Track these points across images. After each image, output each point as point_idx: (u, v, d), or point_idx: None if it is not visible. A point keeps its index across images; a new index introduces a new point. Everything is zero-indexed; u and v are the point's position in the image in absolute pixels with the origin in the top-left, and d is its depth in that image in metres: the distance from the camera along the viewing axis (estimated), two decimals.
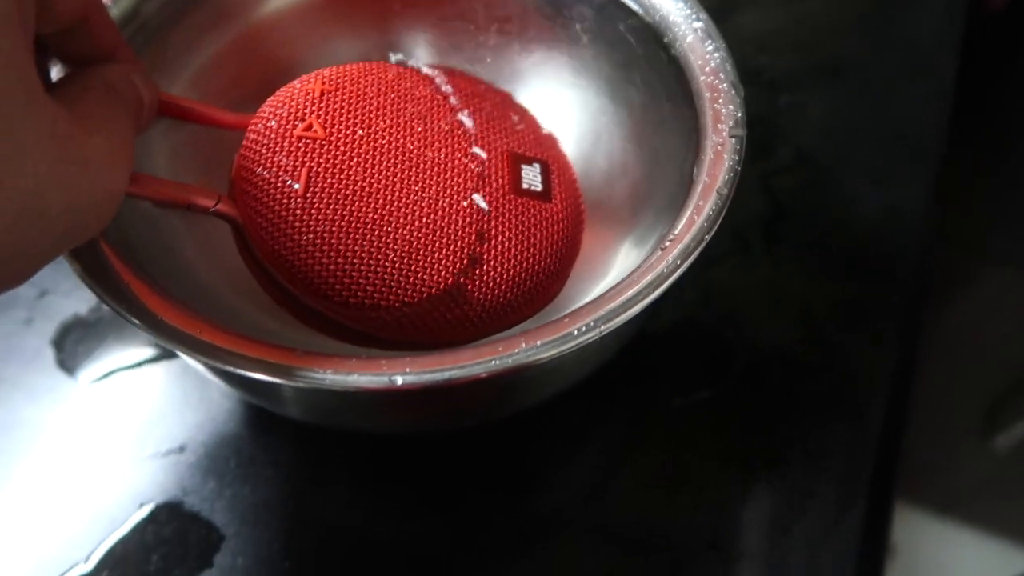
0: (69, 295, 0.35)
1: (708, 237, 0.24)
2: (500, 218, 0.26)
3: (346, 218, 0.24)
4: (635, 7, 0.31)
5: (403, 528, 0.31)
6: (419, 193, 0.25)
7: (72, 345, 0.34)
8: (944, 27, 0.45)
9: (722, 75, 0.28)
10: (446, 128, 0.27)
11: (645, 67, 0.31)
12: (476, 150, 0.27)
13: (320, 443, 0.31)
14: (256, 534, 0.29)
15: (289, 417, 0.28)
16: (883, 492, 0.32)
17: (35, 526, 0.30)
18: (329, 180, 0.24)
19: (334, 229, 0.24)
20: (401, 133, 0.26)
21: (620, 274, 0.26)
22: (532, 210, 0.27)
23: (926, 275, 0.37)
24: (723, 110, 0.27)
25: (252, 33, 0.34)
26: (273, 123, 0.25)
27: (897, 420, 0.33)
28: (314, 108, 0.25)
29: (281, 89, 0.26)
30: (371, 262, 0.24)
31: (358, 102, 0.26)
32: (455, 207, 0.26)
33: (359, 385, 0.21)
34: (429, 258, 0.25)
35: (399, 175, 0.25)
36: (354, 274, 0.24)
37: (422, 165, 0.26)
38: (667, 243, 0.24)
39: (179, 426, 0.32)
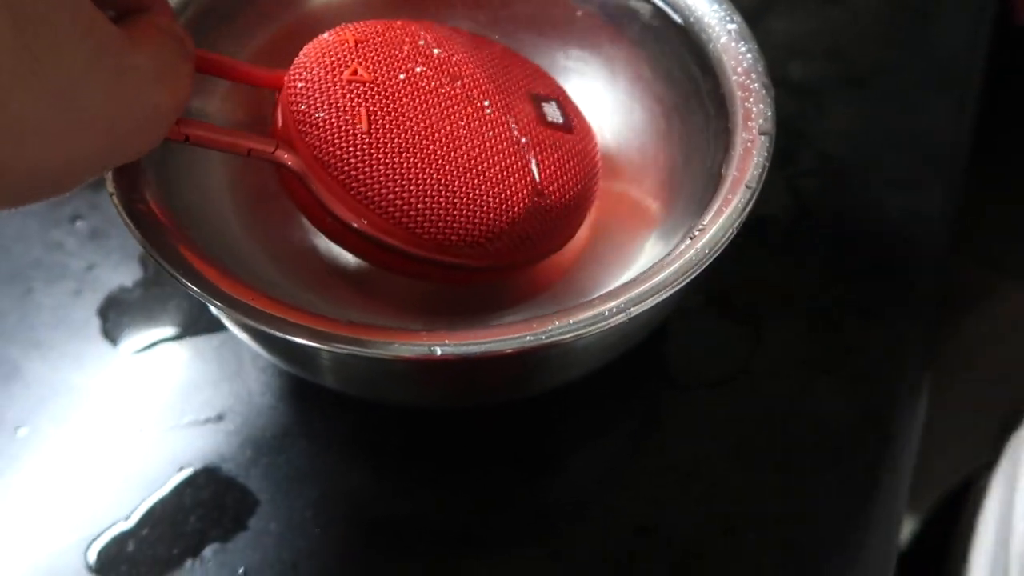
0: (116, 268, 0.37)
1: (736, 228, 0.25)
2: (539, 147, 0.28)
3: (414, 151, 0.26)
4: (671, 11, 0.32)
5: (426, 502, 0.32)
6: (469, 127, 0.27)
7: (117, 316, 0.35)
8: (971, 38, 0.46)
9: (754, 75, 0.29)
10: (470, 73, 0.29)
11: (680, 67, 0.32)
12: (510, 91, 0.29)
13: (352, 418, 0.33)
14: (289, 501, 0.31)
15: (324, 386, 0.29)
16: (894, 497, 0.33)
17: (79, 485, 0.31)
18: (388, 118, 0.26)
19: (405, 163, 0.25)
20: (435, 77, 0.28)
21: (647, 264, 0.27)
22: (560, 141, 0.29)
23: (945, 282, 0.38)
24: (754, 109, 0.28)
25: (295, 28, 0.35)
26: (319, 71, 0.26)
27: (910, 424, 0.34)
28: (354, 55, 0.27)
29: (312, 42, 0.27)
30: (445, 191, 0.26)
31: (391, 50, 0.28)
32: (504, 139, 0.27)
33: (399, 354, 0.22)
34: (500, 183, 0.27)
35: (447, 113, 0.27)
36: (432, 205, 0.26)
37: (463, 104, 0.27)
38: (696, 233, 0.25)
39: (218, 396, 0.33)
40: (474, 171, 0.26)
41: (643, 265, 0.30)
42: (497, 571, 0.30)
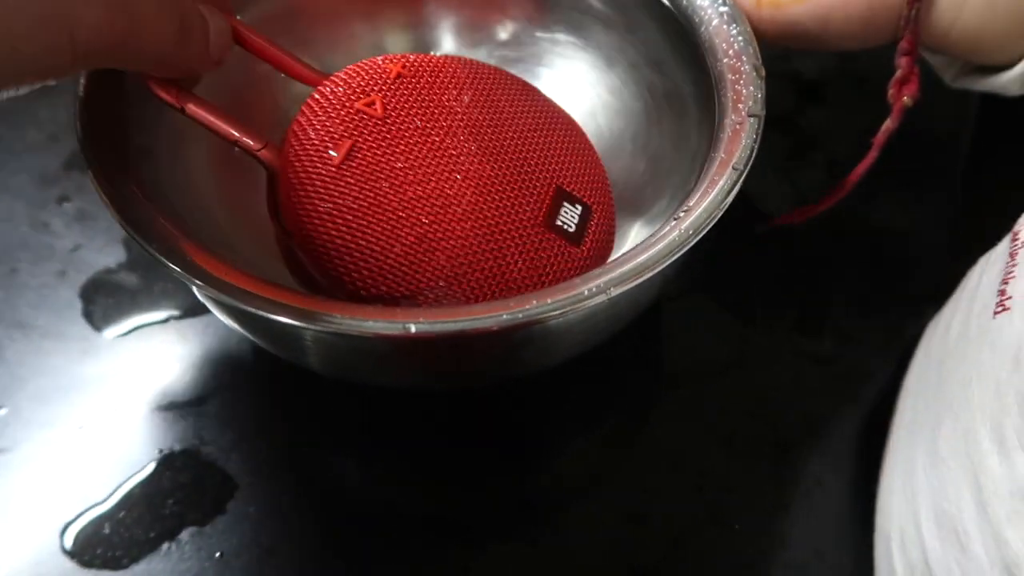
0: (101, 251, 0.36)
1: (722, 210, 0.25)
2: (519, 249, 0.26)
3: (367, 199, 0.24)
4: None
5: (410, 489, 0.31)
6: (451, 199, 0.25)
7: (101, 298, 0.35)
8: None
9: (744, 58, 0.28)
10: (505, 144, 0.27)
11: (671, 51, 0.32)
12: (524, 179, 0.27)
13: (334, 403, 0.32)
14: (269, 485, 0.30)
15: (308, 369, 0.29)
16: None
17: (57, 467, 0.31)
18: (368, 159, 0.25)
19: (353, 206, 0.24)
20: (459, 140, 0.26)
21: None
22: (555, 249, 0.26)
23: (945, 281, 0.38)
24: (744, 91, 0.28)
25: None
26: (340, 89, 0.26)
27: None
28: (383, 86, 0.26)
29: (363, 60, 0.27)
30: (379, 249, 0.24)
31: (429, 93, 0.26)
32: (481, 225, 0.25)
33: (374, 331, 0.22)
34: (434, 262, 0.24)
35: (437, 176, 0.25)
36: (362, 257, 0.24)
37: (465, 173, 0.26)
38: (680, 214, 0.25)
39: (199, 379, 0.33)
40: (430, 244, 0.24)
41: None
42: (482, 559, 0.29)
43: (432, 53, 0.33)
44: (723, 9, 0.30)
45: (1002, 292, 0.26)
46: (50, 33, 0.19)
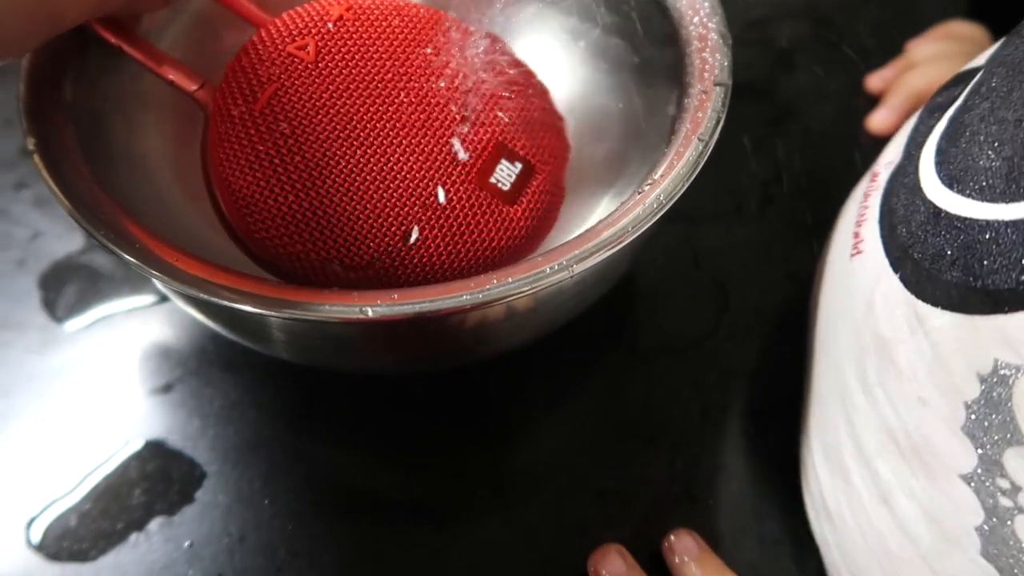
0: (61, 238, 0.35)
1: (688, 182, 0.24)
2: (452, 205, 0.25)
3: (286, 146, 0.23)
4: None
5: (380, 472, 0.31)
6: (374, 155, 0.24)
7: (62, 287, 0.34)
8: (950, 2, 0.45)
9: (711, 25, 0.28)
10: (444, 97, 0.26)
11: (637, 20, 0.31)
12: (460, 133, 0.25)
13: (302, 387, 0.32)
14: (237, 473, 0.30)
15: (272, 356, 0.28)
16: None
17: (20, 460, 0.30)
18: (291, 104, 0.24)
19: (272, 152, 0.23)
20: (394, 86, 0.25)
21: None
22: (486, 205, 0.25)
23: None
24: (710, 59, 0.27)
25: None
26: (275, 32, 0.25)
27: None
28: (320, 30, 0.25)
29: (311, 2, 0.26)
30: (297, 203, 0.23)
31: (370, 38, 0.25)
32: (407, 182, 0.24)
33: (331, 315, 0.21)
34: (364, 223, 0.24)
35: (364, 128, 0.24)
36: (275, 209, 0.23)
37: (395, 127, 0.24)
38: (645, 187, 0.24)
39: (164, 367, 0.32)
40: (346, 197, 0.23)
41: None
42: (452, 540, 0.29)
43: None
44: None
45: (856, 235, 0.26)
46: None
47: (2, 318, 0.33)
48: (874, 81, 0.42)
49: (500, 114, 0.26)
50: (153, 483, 0.30)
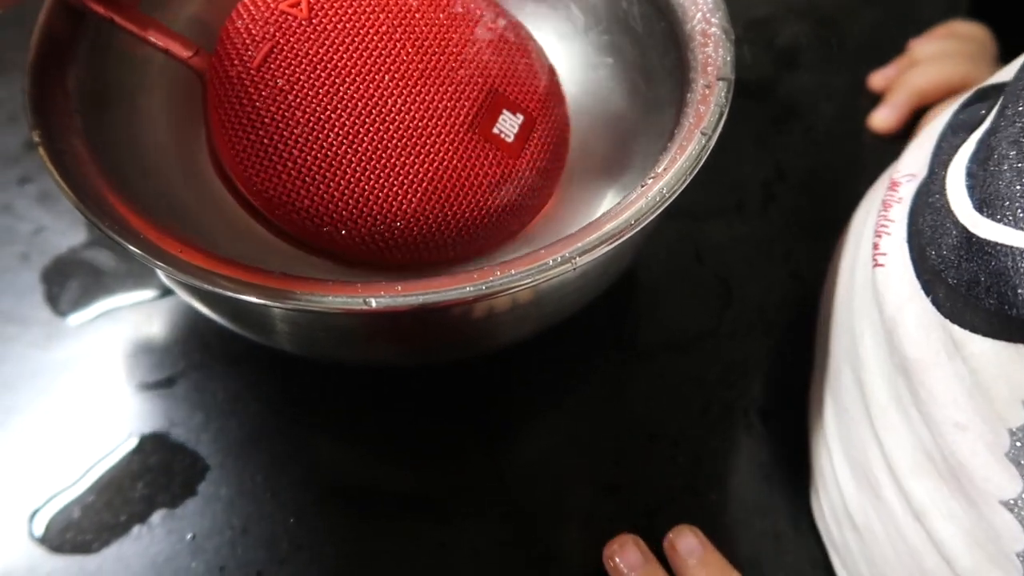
0: (64, 233, 0.35)
1: (690, 176, 0.24)
2: (449, 156, 0.25)
3: (285, 103, 0.24)
4: None
5: (381, 465, 0.31)
6: (375, 108, 0.24)
7: (65, 281, 0.34)
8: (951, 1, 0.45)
9: (714, 20, 0.28)
10: (440, 49, 0.26)
11: (641, 15, 0.31)
12: (458, 83, 0.26)
13: (305, 381, 0.32)
14: (240, 466, 0.30)
15: (275, 348, 0.28)
16: None
17: (24, 453, 0.30)
18: (284, 63, 0.24)
19: (272, 109, 0.24)
20: (389, 39, 0.25)
21: None
22: (489, 156, 0.26)
23: None
24: (713, 54, 0.27)
25: None
26: None
27: None
28: None
29: None
30: (301, 156, 0.24)
31: None
32: (408, 132, 0.24)
33: (334, 306, 0.21)
34: (368, 175, 0.24)
35: (362, 82, 0.24)
36: (280, 165, 0.24)
37: (392, 79, 0.25)
38: (648, 181, 0.24)
39: (168, 361, 0.32)
40: (346, 152, 0.24)
41: None
42: (453, 533, 0.29)
43: None
44: None
45: (875, 246, 0.26)
46: None
47: (6, 313, 0.33)
48: (876, 79, 0.42)
49: (498, 65, 0.27)
50: (156, 476, 0.30)
